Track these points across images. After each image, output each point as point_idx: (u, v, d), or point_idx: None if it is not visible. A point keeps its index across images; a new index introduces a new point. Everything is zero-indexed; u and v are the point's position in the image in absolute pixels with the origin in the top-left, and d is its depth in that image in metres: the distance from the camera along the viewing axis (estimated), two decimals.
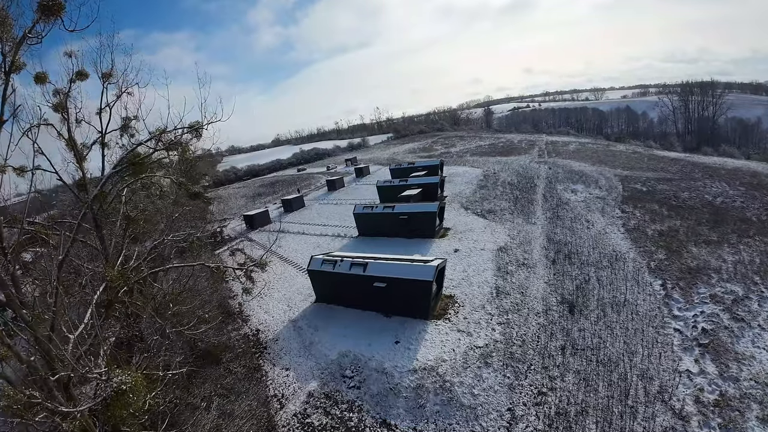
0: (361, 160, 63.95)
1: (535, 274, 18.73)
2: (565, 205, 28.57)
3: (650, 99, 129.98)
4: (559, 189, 32.70)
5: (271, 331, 16.98)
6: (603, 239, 22.46)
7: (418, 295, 14.27)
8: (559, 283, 17.88)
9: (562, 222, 25.07)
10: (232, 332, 18.02)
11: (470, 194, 32.14)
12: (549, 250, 21.12)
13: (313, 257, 17.18)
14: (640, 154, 49.99)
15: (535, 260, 19.97)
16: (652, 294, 16.99)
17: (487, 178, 37.15)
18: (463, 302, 15.95)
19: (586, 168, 40.61)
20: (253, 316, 18.78)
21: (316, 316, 16.87)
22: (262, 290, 20.91)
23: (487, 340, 13.82)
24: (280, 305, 18.82)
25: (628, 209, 27.20)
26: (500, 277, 17.83)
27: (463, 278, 17.79)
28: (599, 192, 31.69)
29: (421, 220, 22.50)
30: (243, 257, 26.94)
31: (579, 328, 14.97)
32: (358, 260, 15.61)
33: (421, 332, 14.17)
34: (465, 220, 25.71)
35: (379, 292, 14.68)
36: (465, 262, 19.38)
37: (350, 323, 15.54)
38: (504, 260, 19.43)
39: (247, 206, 44.92)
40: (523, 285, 17.58)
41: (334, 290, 16.80)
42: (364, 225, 25.43)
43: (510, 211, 27.27)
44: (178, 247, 19.45)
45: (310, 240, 27.16)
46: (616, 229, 23.94)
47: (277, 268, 23.42)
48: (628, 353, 13.51)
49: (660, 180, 33.86)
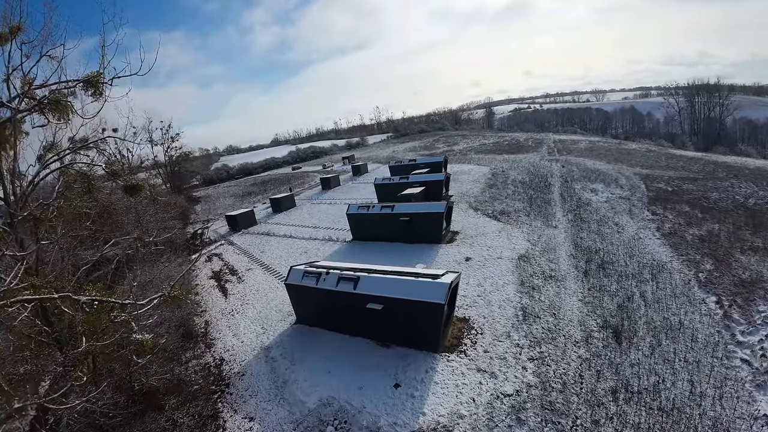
0: (359, 158, 60.51)
1: (567, 289, 15.31)
2: (586, 206, 25.29)
3: (653, 100, 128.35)
4: (577, 188, 29.49)
5: (237, 362, 13.46)
6: (638, 246, 19.17)
7: (426, 322, 10.80)
8: (597, 302, 14.50)
9: (587, 225, 21.73)
10: (191, 361, 14.49)
11: (479, 193, 28.74)
12: (578, 259, 17.74)
13: (293, 269, 13.69)
14: (656, 153, 47.14)
15: (563, 271, 16.56)
16: (708, 314, 13.81)
17: (495, 177, 33.80)
18: (482, 328, 12.46)
19: (602, 166, 37.57)
20: (219, 340, 15.26)
21: (294, 342, 13.35)
22: (234, 307, 17.42)
23: (518, 384, 10.33)
24: (253, 326, 15.29)
25: (659, 211, 24.02)
26: (525, 294, 14.37)
27: (480, 295, 14.31)
28: (621, 192, 28.53)
29: (425, 223, 19.03)
30: (220, 264, 23.42)
31: (630, 362, 11.63)
32: (347, 273, 12.12)
33: (430, 371, 10.68)
34: (475, 222, 22.26)
35: (373, 316, 11.21)
36: (480, 273, 15.90)
37: (336, 354, 12.04)
38: (527, 272, 15.98)
39: (235, 206, 41.41)
40: (555, 304, 14.14)
41: (317, 310, 13.31)
42: (358, 228, 21.95)
43: (526, 213, 23.88)
44: (126, 254, 16.02)
45: (298, 245, 23.65)
46: (651, 234, 20.72)
47: (257, 278, 19.90)
48: (694, 395, 10.24)
49: (684, 179, 30.93)
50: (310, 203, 35.14)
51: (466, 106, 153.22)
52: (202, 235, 31.98)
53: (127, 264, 16.53)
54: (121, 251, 18.74)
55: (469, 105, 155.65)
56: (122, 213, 26.69)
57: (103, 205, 27.17)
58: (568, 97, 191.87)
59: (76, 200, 11.15)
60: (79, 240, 17.44)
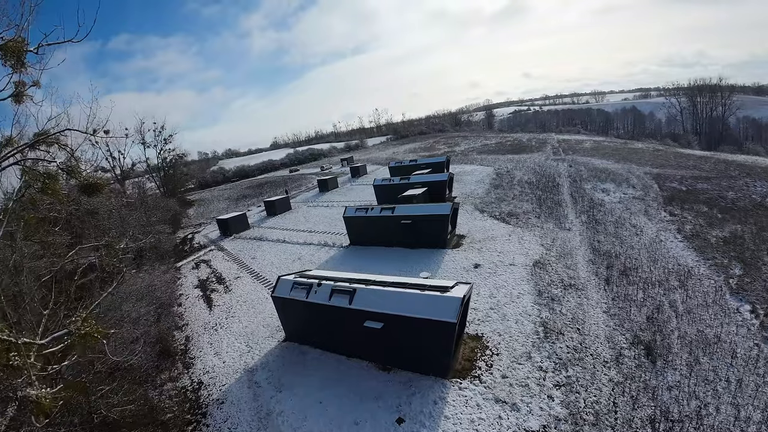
0: (358, 160, 58.97)
1: (588, 299, 13.70)
2: (599, 206, 23.73)
3: (654, 101, 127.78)
4: (588, 188, 27.95)
5: (217, 386, 11.78)
6: (660, 249, 17.63)
7: (434, 344, 9.15)
8: (623, 314, 12.92)
9: (603, 227, 20.16)
10: (166, 384, 12.81)
11: (484, 194, 27.15)
12: (598, 265, 16.16)
13: (281, 279, 12.03)
14: (663, 152, 45.79)
15: (583, 279, 14.95)
16: (743, 325, 12.37)
17: (500, 177, 32.22)
18: (498, 348, 10.80)
19: (610, 166, 36.10)
20: (199, 360, 13.57)
21: (282, 364, 11.66)
22: (218, 321, 15.75)
23: (545, 417, 8.67)
24: (237, 344, 13.61)
25: (676, 211, 22.54)
26: (544, 306, 12.73)
27: (493, 307, 12.66)
28: (634, 191, 27.02)
29: (429, 226, 17.39)
30: (207, 272, 21.75)
31: (668, 384, 10.08)
32: (342, 286, 10.48)
33: (439, 402, 9.01)
34: (482, 225, 20.63)
35: (372, 335, 9.57)
36: (491, 282, 14.25)
37: (329, 381, 10.37)
38: (544, 280, 14.34)
39: (229, 209, 39.79)
40: (577, 317, 12.51)
41: (308, 327, 11.65)
42: (356, 231, 20.30)
43: (536, 214, 22.28)
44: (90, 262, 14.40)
45: (291, 250, 21.99)
46: (672, 236, 19.20)
47: (245, 288, 18.22)
48: (739, 421, 8.77)
49: (697, 178, 29.50)
50: (306, 206, 33.52)
51: (466, 108, 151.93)
52: (192, 239, 30.31)
53: (110, 273, 14.86)
54: (92, 259, 17.16)
55: (469, 107, 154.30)
56: (105, 217, 25.09)
57: (85, 209, 25.59)
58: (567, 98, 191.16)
59: (40, 203, 9.52)
60: (46, 246, 15.81)
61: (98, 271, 28.45)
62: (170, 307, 18.22)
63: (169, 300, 18.69)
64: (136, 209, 25.53)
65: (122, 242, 15.33)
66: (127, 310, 17.80)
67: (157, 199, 38.19)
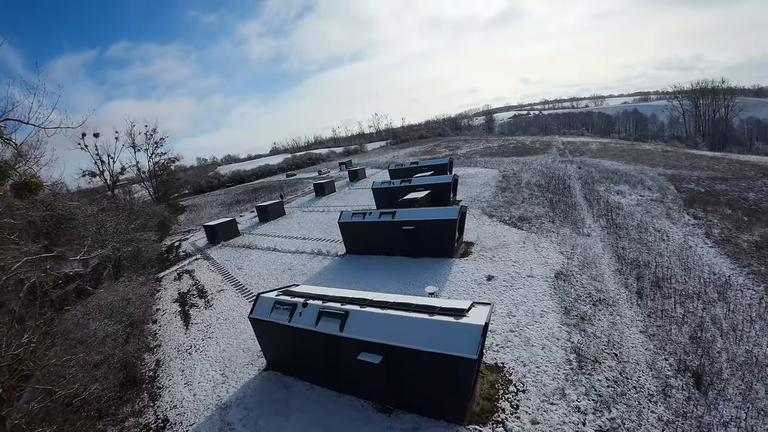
0: (357, 164, 57.21)
1: (622, 316, 11.78)
2: (617, 209, 21.94)
3: (655, 103, 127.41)
4: (601, 190, 26.22)
5: (184, 426, 9.76)
6: (691, 256, 15.85)
7: (447, 383, 7.18)
8: (663, 333, 11.06)
9: (626, 232, 18.34)
10: (128, 419, 10.79)
11: (490, 198, 25.29)
12: (626, 275, 14.30)
13: (261, 297, 10.10)
14: (674, 153, 44.28)
15: (612, 292, 13.04)
16: None
17: (507, 179, 30.40)
18: (523, 382, 8.82)
19: (621, 167, 34.45)
20: (167, 390, 11.56)
21: (261, 400, 9.66)
22: (194, 342, 13.76)
23: None
24: (212, 371, 11.61)
25: (699, 214, 20.84)
26: (573, 327, 10.78)
27: (513, 329, 10.69)
28: (650, 193, 25.29)
29: (434, 232, 15.48)
30: (189, 283, 19.76)
31: (722, 419, 8.28)
32: (331, 307, 8.54)
33: None
34: (492, 230, 18.72)
35: (370, 369, 7.61)
36: (508, 298, 12.29)
37: (316, 423, 8.37)
38: (569, 294, 12.40)
39: (221, 215, 37.91)
40: (613, 339, 10.57)
41: (293, 356, 9.67)
42: (353, 239, 18.37)
43: (549, 219, 20.40)
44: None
45: (281, 260, 20.03)
46: (701, 241, 17.45)
47: (227, 303, 16.24)
48: None
49: (714, 179, 27.93)
50: (301, 211, 31.61)
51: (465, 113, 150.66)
52: (178, 247, 28.33)
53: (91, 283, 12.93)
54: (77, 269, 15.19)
55: (468, 112, 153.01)
56: (82, 224, 23.14)
57: (60, 215, 23.63)
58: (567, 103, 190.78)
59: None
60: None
61: (78, 281, 26.27)
62: (144, 325, 16.22)
63: (143, 316, 16.69)
64: (116, 215, 23.58)
65: (80, 252, 13.38)
66: (94, 329, 15.85)
67: (144, 204, 36.26)
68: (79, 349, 15.01)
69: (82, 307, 17.40)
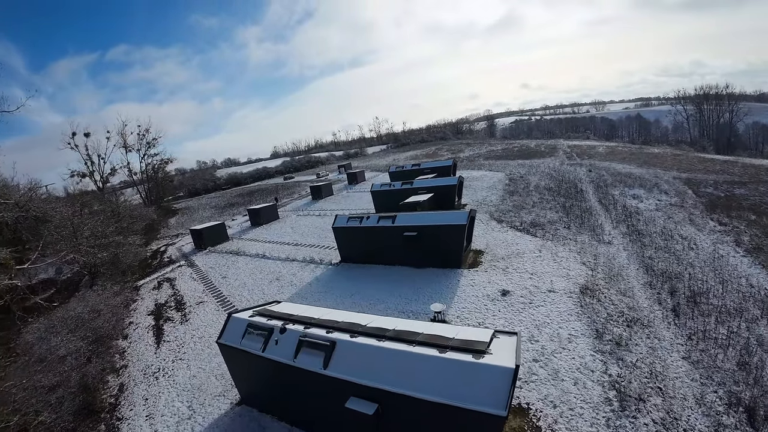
0: (356, 166, 55.59)
1: (660, 339, 10.04)
2: (636, 215, 20.28)
3: (658, 108, 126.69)
4: (616, 194, 24.59)
5: None
6: (725, 267, 14.18)
7: None
8: (708, 359, 9.35)
9: (650, 240, 16.65)
10: None
11: (498, 202, 23.57)
12: (657, 289, 12.56)
13: (233, 318, 8.31)
14: (685, 156, 42.81)
15: (646, 310, 11.26)
16: None
17: (514, 183, 28.72)
18: (555, 429, 7.01)
19: (634, 170, 32.91)
20: (127, 423, 9.74)
21: None
22: (164, 364, 11.95)
23: None
24: (177, 403, 9.78)
25: (724, 220, 19.23)
26: (609, 355, 8.98)
27: (537, 358, 8.88)
28: (668, 198, 23.66)
29: (440, 239, 13.71)
30: (168, 293, 17.94)
31: None
32: (315, 335, 6.76)
33: None
34: (503, 237, 16.95)
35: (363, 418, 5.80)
36: (528, 318, 10.49)
37: None
38: (600, 314, 10.61)
39: (213, 218, 36.16)
40: (655, 370, 8.79)
41: (269, 392, 7.84)
42: (348, 246, 16.61)
43: (564, 224, 18.66)
44: None
45: (270, 268, 18.24)
46: (731, 250, 15.82)
47: (205, 317, 14.42)
48: None
49: (732, 184, 26.43)
50: (296, 215, 29.86)
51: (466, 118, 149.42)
52: (164, 253, 26.54)
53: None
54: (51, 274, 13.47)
55: (469, 117, 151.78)
56: (56, 227, 21.39)
57: (34, 217, 21.87)
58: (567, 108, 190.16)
59: None
60: None
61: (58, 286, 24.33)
62: (112, 341, 14.41)
63: (112, 331, 14.89)
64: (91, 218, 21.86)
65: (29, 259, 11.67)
66: (55, 344, 14.05)
67: (131, 206, 34.54)
68: (34, 368, 13.27)
69: (45, 320, 15.67)
